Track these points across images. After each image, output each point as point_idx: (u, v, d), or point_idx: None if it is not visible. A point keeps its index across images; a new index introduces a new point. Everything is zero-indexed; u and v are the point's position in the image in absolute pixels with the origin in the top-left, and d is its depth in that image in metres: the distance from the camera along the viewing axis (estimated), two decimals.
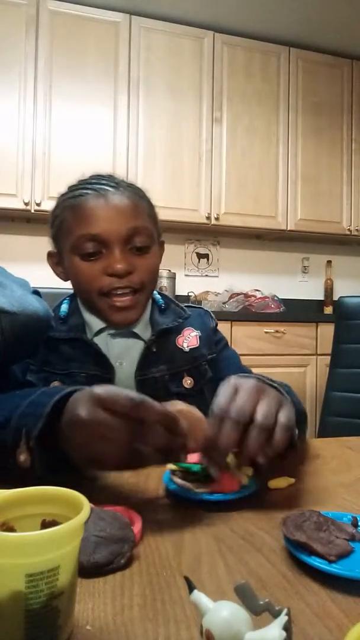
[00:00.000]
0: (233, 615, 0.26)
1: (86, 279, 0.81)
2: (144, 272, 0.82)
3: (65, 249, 0.84)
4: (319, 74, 3.07)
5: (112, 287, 0.80)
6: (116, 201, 0.80)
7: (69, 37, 2.62)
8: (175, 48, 2.80)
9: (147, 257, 0.83)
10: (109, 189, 0.81)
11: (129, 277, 0.80)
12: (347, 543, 0.41)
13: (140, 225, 0.81)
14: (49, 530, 0.29)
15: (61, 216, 0.84)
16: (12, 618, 0.28)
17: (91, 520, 0.41)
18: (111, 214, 0.79)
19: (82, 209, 0.80)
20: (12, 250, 2.80)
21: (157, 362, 0.85)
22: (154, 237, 0.85)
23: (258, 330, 2.55)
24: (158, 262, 0.87)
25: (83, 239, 0.79)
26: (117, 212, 0.80)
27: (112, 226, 0.79)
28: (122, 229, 0.79)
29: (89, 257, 0.80)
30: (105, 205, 0.79)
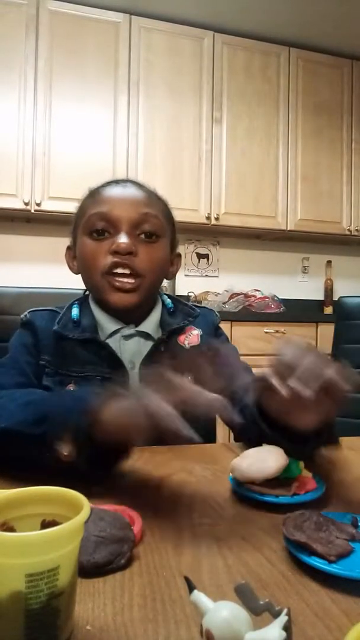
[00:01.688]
0: (233, 615, 0.26)
1: (91, 256, 0.82)
2: (147, 258, 0.82)
3: (78, 233, 0.86)
4: (319, 74, 3.07)
5: (113, 264, 0.80)
6: (133, 190, 0.85)
7: (69, 37, 2.62)
8: (175, 48, 2.80)
9: (154, 247, 0.84)
10: (130, 182, 0.87)
11: (131, 259, 0.80)
12: (347, 543, 0.41)
13: (151, 213, 0.83)
14: (49, 530, 0.29)
15: (81, 204, 0.88)
16: (12, 618, 0.28)
17: (91, 520, 0.41)
18: (125, 199, 0.83)
19: (99, 193, 0.85)
20: (12, 250, 2.80)
21: (160, 360, 0.85)
22: (165, 231, 0.86)
23: (258, 330, 2.55)
24: (164, 257, 0.88)
25: (94, 218, 0.82)
26: (131, 198, 0.83)
27: (124, 209, 0.81)
28: (132, 212, 0.81)
29: (98, 235, 0.82)
30: (122, 191, 0.84)
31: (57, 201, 2.54)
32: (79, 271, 0.89)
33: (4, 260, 2.78)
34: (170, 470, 0.65)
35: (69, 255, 0.92)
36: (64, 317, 0.86)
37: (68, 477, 0.61)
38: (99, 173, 2.61)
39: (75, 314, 0.87)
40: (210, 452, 0.75)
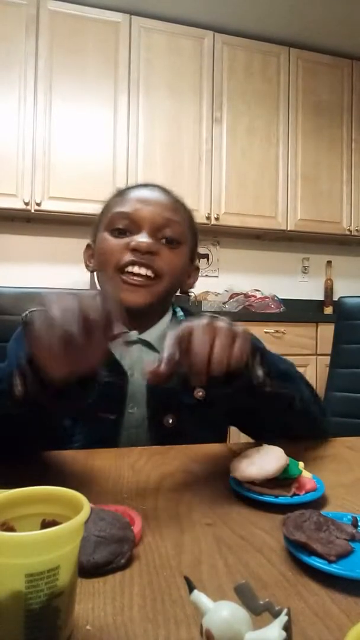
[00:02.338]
0: (233, 615, 0.26)
1: (108, 251, 0.81)
2: (166, 261, 0.80)
3: (100, 230, 0.85)
4: (319, 74, 3.07)
5: (129, 261, 0.78)
6: (159, 194, 0.85)
7: (69, 37, 2.62)
8: (175, 48, 2.80)
9: (175, 252, 0.82)
10: (159, 188, 0.86)
11: (151, 259, 0.79)
12: (347, 543, 0.41)
13: (175, 220, 0.82)
14: (49, 530, 0.29)
15: (107, 202, 0.88)
16: (12, 618, 0.28)
17: (91, 520, 0.41)
18: (151, 202, 0.82)
19: (126, 193, 0.85)
20: (12, 250, 2.80)
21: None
22: (187, 239, 0.86)
23: (258, 331, 2.55)
24: (183, 265, 0.86)
25: (118, 216, 0.81)
26: (156, 201, 0.83)
27: (148, 210, 0.81)
28: (156, 216, 0.81)
29: (119, 233, 0.81)
30: (148, 194, 0.84)
31: (57, 201, 2.54)
32: (95, 268, 0.87)
33: (4, 260, 2.78)
34: (170, 470, 0.65)
35: (87, 254, 0.90)
36: None
37: (68, 477, 0.62)
38: (99, 173, 2.62)
39: None
40: (210, 452, 0.75)
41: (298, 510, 0.46)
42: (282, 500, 0.53)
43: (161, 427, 0.81)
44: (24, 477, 0.61)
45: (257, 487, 0.55)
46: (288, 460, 0.56)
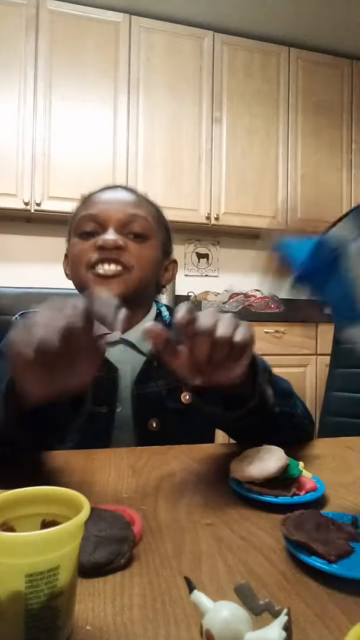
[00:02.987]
0: (233, 615, 0.26)
1: (78, 253, 0.83)
2: (135, 254, 0.81)
3: (71, 237, 0.87)
4: (319, 74, 3.07)
5: (98, 259, 0.80)
6: (122, 194, 0.87)
7: (69, 37, 2.62)
8: (175, 48, 2.80)
9: (143, 245, 0.83)
10: (121, 188, 0.88)
11: (118, 253, 0.80)
12: (347, 543, 0.41)
13: (140, 214, 0.84)
14: (49, 530, 0.29)
15: (75, 210, 0.89)
16: (12, 618, 0.28)
17: (91, 520, 0.41)
18: (114, 201, 0.85)
19: (90, 198, 0.87)
20: (12, 250, 2.80)
21: (156, 377, 0.83)
22: (154, 232, 0.86)
23: (258, 330, 2.55)
24: (154, 257, 0.86)
25: (84, 219, 0.84)
26: (120, 200, 0.85)
27: (112, 210, 0.83)
28: (120, 213, 0.83)
29: (87, 235, 0.83)
30: (112, 194, 0.87)
31: (57, 201, 2.54)
32: (70, 274, 0.89)
33: (4, 260, 2.78)
34: (170, 470, 0.65)
35: (65, 263, 0.92)
36: None
37: (68, 477, 0.62)
38: (99, 173, 2.62)
39: None
40: (210, 452, 0.75)
41: (298, 510, 0.46)
42: (282, 500, 0.53)
43: (145, 429, 0.82)
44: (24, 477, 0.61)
45: (257, 487, 0.55)
46: (288, 460, 0.56)
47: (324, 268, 0.38)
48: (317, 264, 0.38)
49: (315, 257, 0.39)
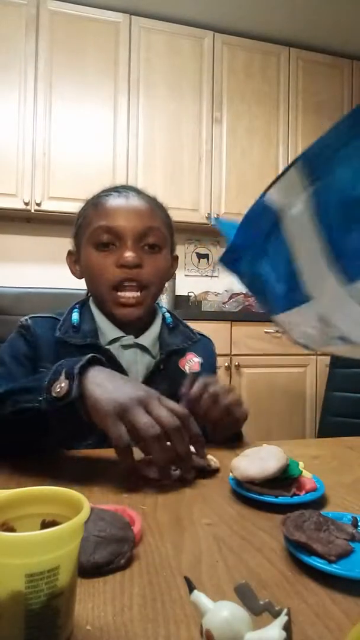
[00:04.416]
0: (233, 615, 0.26)
1: (98, 270, 0.85)
2: (153, 269, 0.85)
3: (83, 242, 0.88)
4: (319, 74, 3.07)
5: (121, 279, 0.83)
6: (135, 202, 0.86)
7: (69, 37, 2.62)
8: (175, 48, 2.80)
9: (158, 257, 0.87)
10: (131, 192, 0.88)
11: (137, 271, 0.83)
12: (347, 543, 0.41)
13: (154, 226, 0.85)
14: (49, 530, 0.29)
15: (84, 213, 0.89)
16: (12, 618, 0.28)
17: (91, 520, 0.41)
18: (129, 211, 0.85)
19: (103, 205, 0.86)
20: (12, 250, 2.80)
21: (162, 381, 0.86)
22: (166, 241, 0.89)
23: (258, 330, 2.55)
24: (167, 266, 0.91)
25: (100, 230, 0.84)
26: (135, 210, 0.85)
27: (129, 221, 0.83)
28: (137, 225, 0.84)
29: (103, 247, 0.84)
30: (125, 203, 0.86)
31: (57, 201, 2.54)
32: (82, 277, 0.91)
33: (4, 260, 2.78)
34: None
35: (70, 259, 0.94)
36: (65, 322, 0.87)
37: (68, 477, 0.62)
38: (99, 173, 2.62)
39: (75, 318, 0.88)
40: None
41: (298, 510, 0.46)
42: (282, 500, 0.53)
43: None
44: (24, 477, 0.61)
45: (257, 487, 0.55)
46: (288, 460, 0.56)
47: (259, 240, 0.31)
48: (250, 235, 0.31)
49: (247, 227, 0.32)
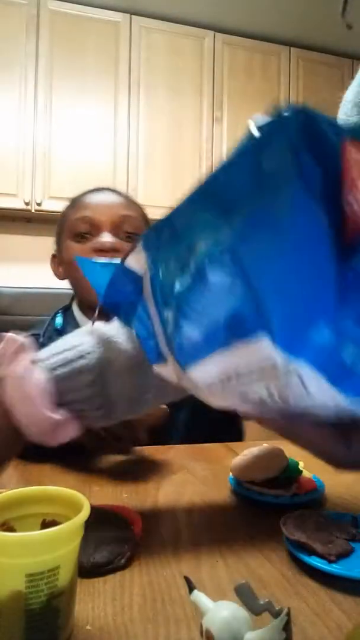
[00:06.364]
0: (233, 615, 0.26)
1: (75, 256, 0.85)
2: None
3: (63, 239, 0.89)
4: (319, 73, 3.07)
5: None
6: (111, 195, 0.90)
7: (69, 36, 2.62)
8: (176, 48, 2.80)
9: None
10: (107, 190, 0.91)
11: (114, 255, 0.83)
12: (347, 543, 0.41)
13: (131, 215, 0.87)
14: (49, 530, 0.29)
15: (63, 213, 0.91)
16: (12, 618, 0.28)
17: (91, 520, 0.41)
18: (105, 203, 0.87)
19: (80, 200, 0.89)
20: (12, 250, 2.80)
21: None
22: (144, 230, 0.88)
23: None
24: None
25: (77, 222, 0.86)
26: (110, 202, 0.88)
27: (104, 211, 0.86)
28: (113, 215, 0.86)
29: (81, 237, 0.85)
30: (101, 196, 0.89)
31: (57, 201, 2.54)
32: (65, 276, 0.92)
33: (4, 260, 2.78)
34: (170, 469, 0.65)
35: (54, 263, 0.96)
36: (49, 328, 0.88)
37: (68, 477, 0.62)
38: (99, 172, 2.62)
39: (59, 322, 0.90)
40: (210, 451, 0.75)
41: (298, 510, 0.46)
42: (282, 500, 0.53)
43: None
44: (24, 477, 0.61)
45: (257, 487, 0.55)
46: (288, 460, 0.56)
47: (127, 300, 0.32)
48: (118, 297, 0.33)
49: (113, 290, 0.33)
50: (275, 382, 0.20)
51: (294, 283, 0.17)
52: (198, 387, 0.26)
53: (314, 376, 0.18)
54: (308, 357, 0.18)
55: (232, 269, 0.19)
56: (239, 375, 0.22)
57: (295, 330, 0.17)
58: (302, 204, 0.16)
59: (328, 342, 0.17)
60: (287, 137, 0.16)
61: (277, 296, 0.18)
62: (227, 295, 0.20)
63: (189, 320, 0.23)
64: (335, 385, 0.18)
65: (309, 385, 0.18)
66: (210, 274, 0.20)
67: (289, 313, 0.17)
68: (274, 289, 0.18)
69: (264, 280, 0.18)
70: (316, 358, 0.18)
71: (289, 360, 0.18)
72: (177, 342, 0.25)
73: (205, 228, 0.22)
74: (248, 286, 0.19)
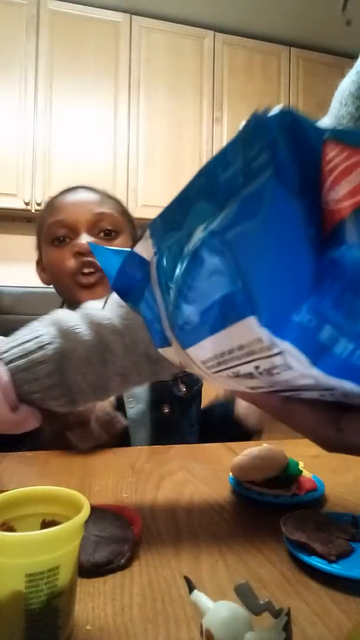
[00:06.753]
0: (233, 615, 0.26)
1: (57, 263, 0.86)
2: None
3: (43, 245, 0.90)
4: (319, 73, 3.07)
5: (78, 267, 0.84)
6: (84, 194, 0.89)
7: (69, 36, 2.62)
8: (176, 48, 2.80)
9: (114, 243, 0.87)
10: (80, 188, 0.90)
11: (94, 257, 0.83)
12: (347, 543, 0.41)
13: (106, 212, 0.87)
14: (49, 530, 0.29)
15: (40, 218, 0.92)
16: (12, 618, 0.28)
17: (91, 520, 0.41)
18: (78, 203, 0.87)
19: (54, 203, 0.89)
20: (12, 250, 2.80)
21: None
22: (123, 226, 0.90)
23: None
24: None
25: (53, 226, 0.86)
26: (83, 200, 0.88)
27: (79, 212, 0.86)
28: (87, 214, 0.85)
29: (59, 242, 0.86)
30: (74, 197, 0.88)
31: None
32: (50, 281, 0.92)
33: (4, 260, 2.78)
34: (170, 470, 0.65)
35: (39, 269, 0.96)
36: None
37: (68, 477, 0.62)
38: (99, 172, 2.62)
39: None
40: (210, 451, 0.75)
41: (298, 510, 0.46)
42: (282, 500, 0.53)
43: (160, 414, 0.87)
44: (24, 477, 0.61)
45: (257, 487, 0.55)
46: (288, 460, 0.56)
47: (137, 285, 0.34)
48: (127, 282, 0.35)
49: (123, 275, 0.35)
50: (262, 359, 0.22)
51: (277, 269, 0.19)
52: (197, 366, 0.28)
53: (296, 354, 0.20)
54: (290, 338, 0.19)
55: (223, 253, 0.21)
56: (231, 351, 0.23)
57: (279, 313, 0.19)
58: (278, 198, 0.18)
59: (307, 324, 0.19)
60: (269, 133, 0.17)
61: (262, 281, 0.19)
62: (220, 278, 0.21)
63: (187, 303, 0.25)
64: (314, 363, 0.20)
65: (291, 362, 0.20)
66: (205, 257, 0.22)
67: (274, 297, 0.19)
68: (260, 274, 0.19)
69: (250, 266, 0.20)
70: (298, 338, 0.19)
71: (273, 340, 0.20)
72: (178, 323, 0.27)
73: (203, 215, 0.23)
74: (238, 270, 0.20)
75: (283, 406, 0.29)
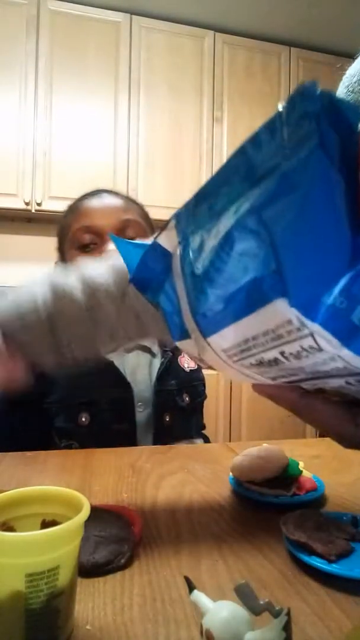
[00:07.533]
0: (233, 615, 0.26)
1: None
2: None
3: (66, 249, 0.88)
4: (319, 73, 3.07)
5: None
6: (110, 199, 0.89)
7: (69, 36, 2.62)
8: (176, 48, 2.80)
9: None
10: (105, 193, 0.90)
11: None
12: (347, 543, 0.41)
13: (132, 219, 0.86)
14: (49, 530, 0.29)
15: (64, 221, 0.91)
16: (12, 618, 0.28)
17: (91, 520, 0.41)
18: (104, 209, 0.87)
19: (79, 207, 0.88)
20: (13, 250, 2.80)
21: (169, 377, 0.89)
22: (147, 233, 0.89)
23: None
24: None
25: (80, 232, 0.85)
26: (110, 207, 0.87)
27: (105, 218, 0.85)
28: (114, 221, 0.85)
29: (85, 248, 0.85)
30: (100, 202, 0.88)
31: (58, 201, 2.54)
32: None
33: (4, 260, 2.78)
34: (170, 469, 0.65)
35: None
36: None
37: (68, 477, 0.62)
38: (99, 172, 2.62)
39: None
40: (210, 451, 0.75)
41: (298, 510, 0.46)
42: (282, 500, 0.53)
43: (162, 424, 0.86)
44: (24, 477, 0.61)
45: (257, 487, 0.55)
46: (288, 460, 0.56)
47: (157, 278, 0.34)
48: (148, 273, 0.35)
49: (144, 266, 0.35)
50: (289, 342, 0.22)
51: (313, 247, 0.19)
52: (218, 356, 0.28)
53: (325, 335, 0.20)
54: (320, 320, 0.19)
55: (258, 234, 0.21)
56: (256, 337, 0.23)
57: (310, 294, 0.19)
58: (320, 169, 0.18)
59: (339, 305, 0.19)
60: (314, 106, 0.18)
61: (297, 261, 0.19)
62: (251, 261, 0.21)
63: (213, 287, 0.24)
64: (345, 345, 0.20)
65: (322, 343, 0.20)
66: (238, 238, 0.22)
67: (306, 278, 0.19)
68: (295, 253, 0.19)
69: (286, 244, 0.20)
70: (328, 320, 0.19)
71: (304, 321, 0.20)
72: (201, 310, 0.27)
73: (234, 196, 0.23)
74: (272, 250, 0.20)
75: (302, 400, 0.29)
